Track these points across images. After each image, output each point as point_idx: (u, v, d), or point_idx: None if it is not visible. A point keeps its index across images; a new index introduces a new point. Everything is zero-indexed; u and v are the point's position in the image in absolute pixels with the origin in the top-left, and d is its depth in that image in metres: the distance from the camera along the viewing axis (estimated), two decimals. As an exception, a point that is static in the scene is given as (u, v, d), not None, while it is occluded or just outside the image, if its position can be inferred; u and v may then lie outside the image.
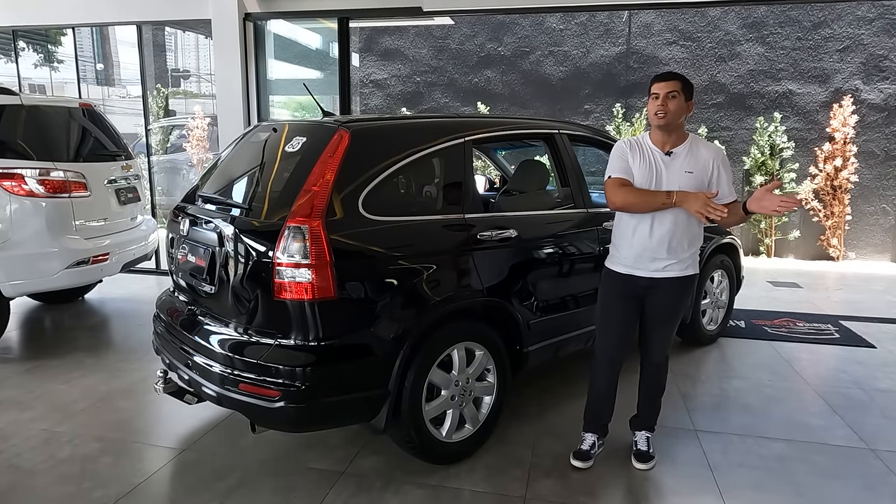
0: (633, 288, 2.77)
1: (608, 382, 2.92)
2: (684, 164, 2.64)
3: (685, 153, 2.66)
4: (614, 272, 2.82)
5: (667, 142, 2.67)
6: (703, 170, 2.64)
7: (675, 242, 2.67)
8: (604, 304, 2.89)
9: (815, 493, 2.73)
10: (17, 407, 3.49)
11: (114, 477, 2.79)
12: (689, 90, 2.64)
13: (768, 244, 8.83)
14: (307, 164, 2.64)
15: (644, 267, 2.73)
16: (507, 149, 5.04)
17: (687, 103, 2.62)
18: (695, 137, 2.72)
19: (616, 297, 2.83)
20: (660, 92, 2.59)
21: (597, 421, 2.97)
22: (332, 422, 2.77)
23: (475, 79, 10.12)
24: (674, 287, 2.75)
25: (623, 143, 2.77)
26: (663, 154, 2.66)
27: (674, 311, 2.83)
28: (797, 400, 3.73)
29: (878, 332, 5.05)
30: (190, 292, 3.05)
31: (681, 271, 2.73)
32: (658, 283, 2.74)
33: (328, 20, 6.37)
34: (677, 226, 2.65)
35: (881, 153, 8.68)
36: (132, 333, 4.80)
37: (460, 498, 2.67)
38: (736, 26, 9.00)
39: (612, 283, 2.84)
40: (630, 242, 2.74)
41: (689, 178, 2.62)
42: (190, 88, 15.56)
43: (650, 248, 2.69)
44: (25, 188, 4.11)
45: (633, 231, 2.72)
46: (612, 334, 2.86)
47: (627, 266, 2.77)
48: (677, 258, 2.70)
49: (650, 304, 2.80)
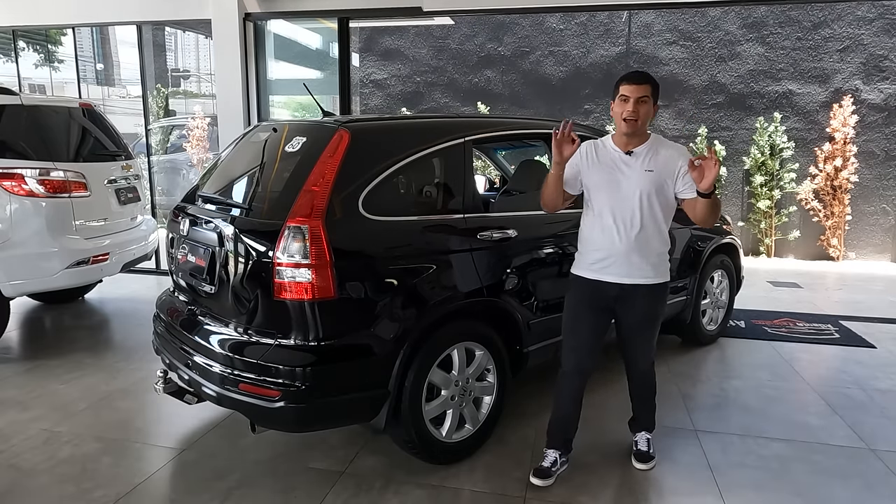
0: (603, 297, 2.68)
1: (576, 393, 2.80)
2: (645, 163, 2.57)
3: (646, 152, 2.59)
4: (582, 278, 2.72)
5: (629, 143, 2.61)
6: (664, 168, 2.56)
7: (636, 243, 2.58)
8: (572, 312, 2.77)
9: (815, 493, 2.73)
10: (17, 407, 3.49)
11: (114, 477, 2.79)
12: (658, 94, 2.58)
13: (768, 244, 8.83)
14: (307, 164, 2.64)
15: (614, 272, 2.63)
16: (507, 149, 5.04)
17: (654, 107, 2.57)
18: (657, 137, 2.66)
19: (585, 304, 2.72)
20: (630, 96, 2.50)
21: (561, 436, 2.83)
22: (332, 422, 2.77)
23: (475, 79, 10.12)
24: (645, 297, 2.65)
25: (585, 145, 2.70)
26: (623, 154, 2.61)
27: (651, 320, 2.74)
28: (797, 400, 3.73)
29: (878, 332, 5.05)
30: (190, 292, 3.05)
31: (651, 279, 2.64)
32: (628, 292, 2.64)
33: (328, 20, 6.37)
34: (637, 225, 2.57)
35: (881, 153, 8.68)
36: (132, 333, 4.80)
37: (460, 498, 2.67)
38: (736, 26, 8.99)
39: (580, 290, 2.73)
40: (596, 245, 2.66)
41: (649, 177, 2.56)
42: (190, 88, 15.57)
43: (616, 251, 2.60)
44: (25, 188, 4.11)
45: (598, 232, 2.64)
46: (582, 343, 2.74)
47: (595, 271, 2.67)
48: (646, 262, 2.61)
49: (624, 317, 2.71)
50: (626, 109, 2.51)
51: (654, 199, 2.58)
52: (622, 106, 2.53)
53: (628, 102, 2.51)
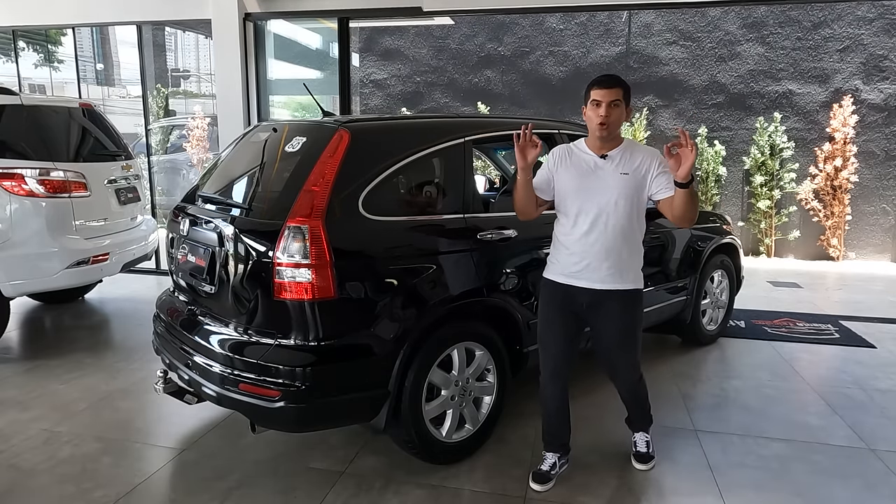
0: (573, 303, 2.65)
1: (559, 398, 2.78)
2: (619, 166, 2.56)
3: (619, 156, 2.58)
4: (553, 282, 2.69)
5: (603, 146, 2.60)
6: (637, 171, 2.55)
7: (609, 246, 2.55)
8: (545, 318, 2.74)
9: (815, 493, 2.73)
10: (17, 407, 3.49)
11: (114, 477, 2.79)
12: (629, 97, 2.57)
13: (768, 244, 8.83)
14: (307, 164, 2.64)
15: (586, 278, 2.59)
16: (508, 149, 5.04)
17: (626, 109, 2.57)
18: (630, 141, 2.66)
19: (556, 308, 2.69)
20: (602, 100, 2.48)
21: (556, 440, 2.83)
22: (333, 422, 2.77)
23: (475, 79, 10.12)
24: (618, 303, 2.61)
25: (556, 150, 2.70)
26: (598, 157, 2.60)
27: (629, 331, 2.70)
28: (797, 400, 3.73)
29: (878, 332, 5.05)
30: (190, 292, 3.05)
31: (624, 284, 2.61)
32: (600, 299, 2.60)
33: (328, 20, 6.37)
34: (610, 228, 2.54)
35: (881, 153, 8.68)
36: (132, 333, 4.80)
37: (460, 498, 2.67)
38: (736, 26, 8.99)
39: (550, 295, 2.70)
40: (569, 250, 2.62)
41: (624, 180, 2.54)
42: (190, 88, 15.56)
43: (589, 256, 2.57)
44: (25, 188, 4.11)
45: (571, 236, 2.62)
46: (556, 349, 2.72)
47: (566, 276, 2.64)
48: (619, 268, 2.58)
49: (600, 328, 2.68)
50: (599, 114, 2.50)
51: (629, 202, 2.55)
52: (594, 110, 2.51)
53: (600, 107, 2.49)
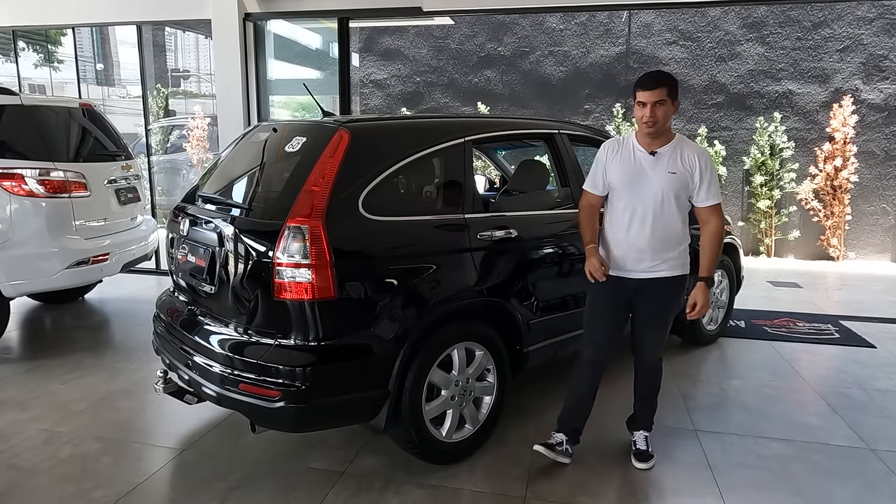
0: (622, 291, 2.77)
1: (590, 383, 2.89)
2: (668, 164, 2.63)
3: (670, 154, 2.64)
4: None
5: (652, 143, 2.66)
6: (686, 171, 2.63)
7: (656, 242, 2.67)
8: (592, 309, 2.87)
9: (815, 493, 2.73)
10: (17, 407, 3.49)
11: (114, 477, 2.79)
12: (676, 91, 2.61)
13: (768, 244, 8.83)
14: (307, 164, 2.64)
15: (632, 268, 2.72)
16: (507, 149, 5.04)
17: (674, 104, 2.61)
18: (681, 137, 2.71)
19: (604, 299, 2.82)
20: (647, 101, 2.56)
21: (570, 424, 2.92)
22: (333, 422, 2.78)
23: (475, 79, 10.11)
24: (663, 288, 2.74)
25: (607, 144, 2.79)
26: (647, 154, 2.66)
27: (665, 313, 2.82)
28: (797, 400, 3.73)
29: (878, 332, 5.05)
30: (190, 292, 3.05)
31: (669, 271, 2.72)
32: (647, 284, 2.73)
33: (328, 20, 6.36)
34: (657, 224, 2.65)
35: (881, 153, 8.68)
36: (132, 333, 4.80)
37: (460, 498, 2.67)
38: (736, 26, 8.99)
39: (600, 286, 2.77)
40: (617, 243, 2.74)
41: (672, 179, 2.62)
42: (190, 88, 15.56)
43: (635, 248, 2.69)
44: (25, 188, 4.11)
45: (620, 230, 2.72)
46: (600, 337, 2.85)
47: (614, 268, 2.76)
48: (662, 258, 2.69)
49: (640, 307, 2.80)
50: (644, 114, 2.57)
51: (675, 200, 2.65)
52: (640, 111, 2.59)
53: (645, 108, 2.56)
